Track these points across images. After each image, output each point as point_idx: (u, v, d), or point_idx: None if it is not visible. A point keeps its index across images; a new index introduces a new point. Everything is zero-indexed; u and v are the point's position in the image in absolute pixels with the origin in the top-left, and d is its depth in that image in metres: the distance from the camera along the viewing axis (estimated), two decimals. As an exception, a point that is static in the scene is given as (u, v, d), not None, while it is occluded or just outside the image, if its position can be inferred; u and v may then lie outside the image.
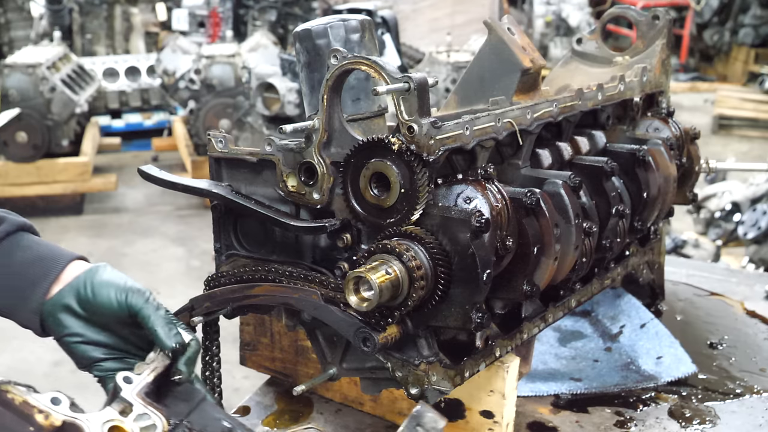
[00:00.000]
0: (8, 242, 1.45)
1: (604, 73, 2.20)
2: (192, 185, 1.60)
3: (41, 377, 4.74)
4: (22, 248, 1.45)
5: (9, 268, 1.43)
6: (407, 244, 1.41)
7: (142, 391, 1.29)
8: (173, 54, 8.23)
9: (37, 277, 1.42)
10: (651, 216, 2.04)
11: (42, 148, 7.50)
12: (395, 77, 1.39)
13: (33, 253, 1.45)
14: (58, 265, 1.43)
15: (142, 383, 1.30)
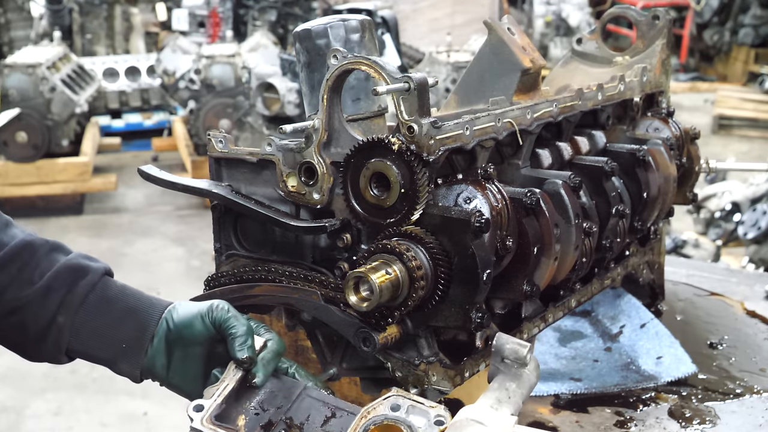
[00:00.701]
0: (95, 295, 1.47)
1: (604, 73, 2.20)
2: (192, 185, 1.60)
3: (41, 377, 4.74)
4: (111, 301, 1.47)
5: (103, 322, 1.46)
6: (407, 244, 1.41)
7: (212, 415, 1.31)
8: (173, 54, 8.24)
9: (134, 333, 1.45)
10: (651, 216, 2.04)
11: (42, 148, 7.50)
12: (395, 77, 1.39)
13: (124, 305, 1.47)
14: (152, 319, 1.46)
15: (211, 408, 1.32)
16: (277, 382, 1.41)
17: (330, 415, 1.35)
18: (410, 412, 1.27)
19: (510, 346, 1.33)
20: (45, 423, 4.38)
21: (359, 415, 1.28)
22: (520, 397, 1.31)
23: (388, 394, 1.30)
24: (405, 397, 1.29)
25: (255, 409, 1.36)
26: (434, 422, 1.25)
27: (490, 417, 1.23)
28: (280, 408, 1.37)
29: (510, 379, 1.33)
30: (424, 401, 1.28)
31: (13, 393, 4.64)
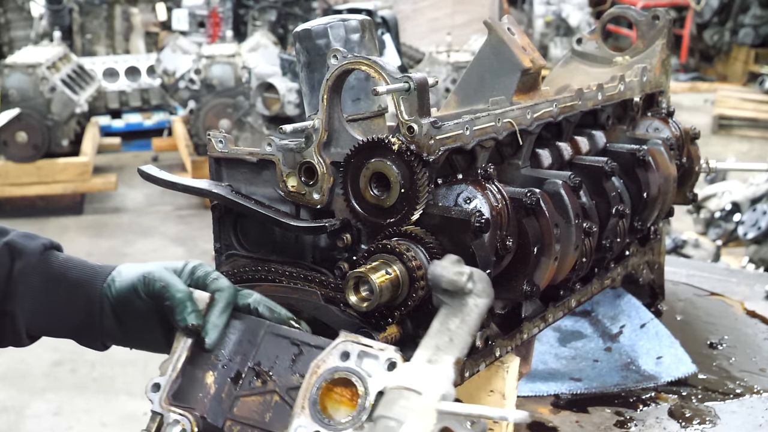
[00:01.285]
0: (37, 276, 1.44)
1: (604, 73, 2.20)
2: (192, 185, 1.60)
3: (41, 377, 4.74)
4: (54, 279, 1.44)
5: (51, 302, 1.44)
6: (407, 244, 1.41)
7: (169, 394, 1.28)
8: (173, 54, 8.24)
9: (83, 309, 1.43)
10: (651, 216, 2.04)
11: (42, 148, 7.50)
12: (395, 77, 1.39)
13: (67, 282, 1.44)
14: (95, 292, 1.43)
15: (167, 386, 1.29)
16: (239, 324, 1.36)
17: (297, 352, 1.30)
18: (360, 359, 1.21)
19: (447, 277, 1.17)
20: (45, 423, 4.38)
21: (310, 371, 1.22)
22: (465, 333, 1.18)
23: (336, 342, 1.23)
24: (354, 342, 1.22)
25: (221, 360, 1.32)
26: (386, 367, 1.19)
27: (425, 377, 1.12)
28: (246, 355, 1.32)
29: (453, 313, 1.19)
30: (373, 344, 1.22)
31: (13, 393, 4.64)
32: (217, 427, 1.28)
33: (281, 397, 1.27)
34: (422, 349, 1.16)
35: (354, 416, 1.18)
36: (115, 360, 4.71)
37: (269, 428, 1.26)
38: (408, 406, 1.09)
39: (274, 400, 1.28)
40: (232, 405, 1.29)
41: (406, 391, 1.11)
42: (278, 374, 1.29)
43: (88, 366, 4.82)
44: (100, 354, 1.97)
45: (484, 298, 1.20)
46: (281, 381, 1.29)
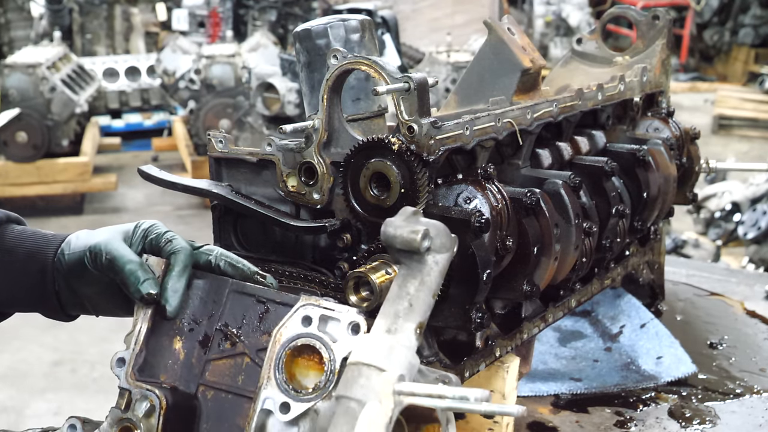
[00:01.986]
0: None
1: (604, 73, 2.20)
2: (192, 185, 1.60)
3: (41, 377, 4.75)
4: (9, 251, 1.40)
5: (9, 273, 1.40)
6: (407, 244, 1.40)
7: (134, 368, 1.24)
8: (173, 54, 8.24)
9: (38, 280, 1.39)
10: (651, 216, 2.04)
11: (42, 148, 7.50)
12: (395, 77, 1.39)
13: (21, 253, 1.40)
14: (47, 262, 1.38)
15: (132, 360, 1.25)
16: (202, 284, 1.30)
17: (264, 311, 1.25)
18: (323, 323, 1.16)
19: (401, 237, 1.07)
20: (45, 423, 4.37)
21: (273, 339, 1.16)
22: (426, 295, 1.08)
23: (297, 306, 1.18)
24: (315, 306, 1.17)
25: (188, 324, 1.27)
26: (350, 331, 1.15)
27: (385, 350, 1.03)
28: (212, 316, 1.27)
29: (411, 274, 1.09)
30: (335, 307, 1.17)
31: (13, 393, 4.64)
32: (190, 393, 1.24)
33: (251, 359, 1.23)
34: (381, 318, 1.07)
35: (321, 385, 1.14)
36: (115, 360, 4.71)
37: (242, 392, 1.21)
38: (368, 386, 1.03)
39: (245, 362, 1.23)
40: (203, 370, 1.24)
41: (365, 367, 1.03)
42: (247, 335, 1.24)
43: (88, 366, 4.82)
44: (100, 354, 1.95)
45: (444, 253, 1.10)
46: (250, 342, 1.24)
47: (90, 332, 5.03)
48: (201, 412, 1.23)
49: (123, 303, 1.36)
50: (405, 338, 1.05)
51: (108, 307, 1.40)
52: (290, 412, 1.14)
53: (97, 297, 1.38)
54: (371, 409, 1.01)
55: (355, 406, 1.02)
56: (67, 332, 5.12)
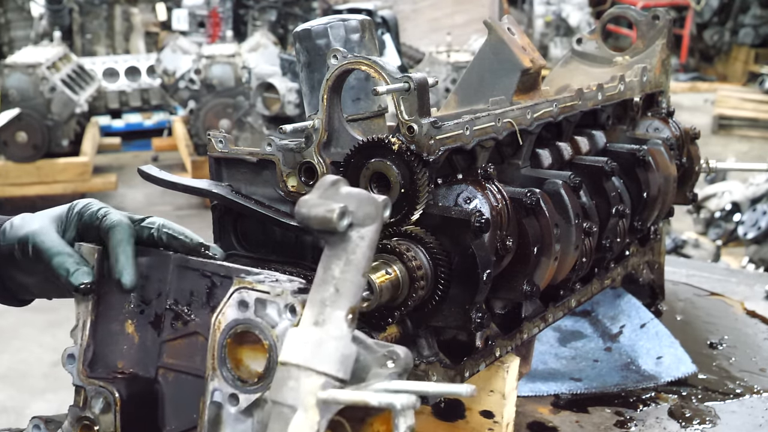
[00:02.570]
0: None
1: (604, 73, 2.20)
2: (192, 185, 1.60)
3: (40, 377, 4.74)
4: None
5: None
6: (407, 244, 1.41)
7: (85, 364, 1.20)
8: (173, 54, 8.24)
9: None
10: (651, 216, 2.04)
11: (42, 148, 7.50)
12: (395, 77, 1.39)
13: None
14: None
15: (81, 356, 1.20)
16: (146, 261, 1.23)
17: (210, 285, 1.18)
18: (260, 307, 1.07)
19: (317, 217, 0.95)
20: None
21: (212, 327, 1.08)
22: (354, 276, 0.97)
23: (230, 291, 1.08)
24: (248, 289, 1.07)
25: (138, 306, 1.22)
26: (287, 313, 1.05)
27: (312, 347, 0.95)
28: (160, 294, 1.21)
29: (336, 254, 0.97)
30: (269, 289, 1.07)
31: (13, 393, 4.64)
32: (150, 378, 1.20)
33: (205, 338, 1.14)
34: (308, 308, 0.97)
35: (265, 375, 1.06)
36: (115, 360, 4.71)
37: (201, 372, 1.14)
38: (297, 389, 0.94)
39: (200, 341, 1.17)
40: (160, 351, 1.19)
41: (294, 368, 0.95)
42: (197, 312, 1.18)
43: (88, 366, 4.81)
44: None
45: (369, 225, 0.97)
46: (202, 320, 1.17)
47: (90, 332, 5.02)
48: (163, 395, 1.19)
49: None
50: (334, 328, 0.96)
51: (57, 291, 1.33)
52: (239, 404, 1.07)
53: (41, 283, 1.31)
54: (298, 420, 0.93)
55: (288, 412, 0.94)
56: (67, 332, 5.10)
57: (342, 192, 0.97)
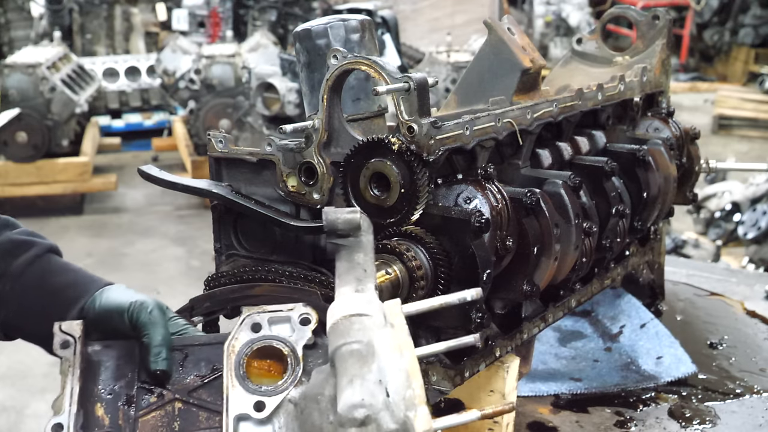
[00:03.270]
0: (39, 266, 1.44)
1: (604, 73, 2.20)
2: (192, 185, 1.60)
3: (40, 377, 4.74)
4: (53, 273, 1.44)
5: (42, 291, 1.42)
6: (407, 244, 1.41)
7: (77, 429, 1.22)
8: (173, 54, 8.23)
9: (66, 307, 1.41)
10: (651, 216, 2.04)
11: (42, 148, 7.50)
12: (395, 77, 1.39)
13: (64, 279, 1.43)
14: (87, 294, 1.42)
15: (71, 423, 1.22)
16: (110, 351, 1.29)
17: (183, 357, 1.27)
18: (273, 325, 1.20)
19: (342, 218, 1.20)
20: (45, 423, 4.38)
21: (226, 353, 1.18)
22: (371, 264, 1.20)
23: (242, 318, 1.21)
24: (260, 313, 1.21)
25: (105, 391, 1.26)
26: (300, 323, 1.20)
27: (364, 303, 1.11)
28: (130, 376, 1.26)
29: (353, 250, 1.20)
30: (279, 307, 1.21)
31: (13, 393, 4.64)
32: None
33: (184, 401, 1.24)
34: (344, 285, 1.14)
35: (289, 375, 1.16)
36: (115, 360, 4.71)
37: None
38: (364, 328, 1.07)
39: (177, 408, 1.23)
40: (133, 428, 1.23)
41: (355, 317, 1.08)
42: (172, 383, 1.25)
43: (88, 366, 4.80)
44: None
45: (371, 234, 1.22)
46: (178, 387, 1.24)
47: (90, 332, 5.01)
48: None
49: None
50: (372, 295, 1.12)
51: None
52: (266, 408, 1.14)
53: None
54: (388, 334, 1.07)
55: (359, 347, 1.05)
56: (67, 332, 5.10)
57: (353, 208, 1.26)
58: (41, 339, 1.46)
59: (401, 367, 1.04)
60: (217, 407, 1.21)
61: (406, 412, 1.00)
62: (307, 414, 1.11)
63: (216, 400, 1.22)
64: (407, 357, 1.05)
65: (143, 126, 9.83)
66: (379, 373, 1.03)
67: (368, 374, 1.02)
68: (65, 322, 1.28)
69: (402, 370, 1.04)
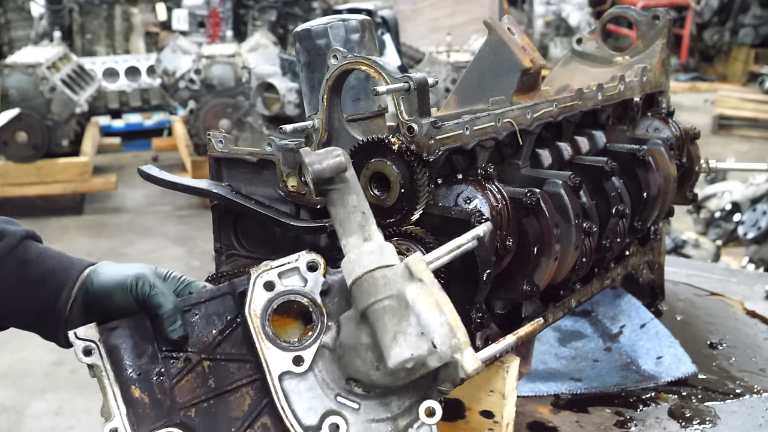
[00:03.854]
0: (14, 258, 1.42)
1: (604, 73, 2.20)
2: (192, 185, 1.60)
3: (41, 377, 4.74)
4: (30, 263, 1.42)
5: (24, 282, 1.41)
6: (408, 244, 1.41)
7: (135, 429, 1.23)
8: (173, 54, 8.23)
9: (52, 295, 1.39)
10: (651, 216, 2.04)
11: (42, 148, 7.50)
12: (395, 77, 1.39)
13: (42, 268, 1.42)
14: (69, 280, 1.40)
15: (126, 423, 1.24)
16: (122, 331, 1.29)
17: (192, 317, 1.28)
18: (285, 278, 1.23)
19: (328, 165, 1.16)
20: (45, 423, 4.38)
21: (249, 319, 1.22)
22: (365, 202, 1.20)
23: (252, 279, 1.23)
24: (268, 270, 1.23)
25: (134, 372, 1.27)
26: (308, 270, 1.23)
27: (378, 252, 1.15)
28: (151, 351, 1.28)
29: (346, 193, 1.19)
30: (286, 260, 1.24)
31: (13, 393, 4.64)
32: (176, 423, 1.25)
33: (210, 358, 1.26)
34: (349, 236, 1.17)
35: (317, 324, 1.21)
36: (115, 360, 4.71)
37: (220, 390, 1.25)
38: (391, 282, 1.12)
39: (206, 366, 1.26)
40: (172, 398, 1.26)
41: (376, 272, 1.13)
42: (191, 345, 1.27)
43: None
44: None
45: (351, 167, 1.20)
46: (199, 347, 1.27)
47: (90, 332, 5.02)
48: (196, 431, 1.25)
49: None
50: (378, 237, 1.17)
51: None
52: (305, 362, 1.20)
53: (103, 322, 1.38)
54: (420, 290, 1.12)
55: (391, 302, 1.11)
56: (67, 332, 5.11)
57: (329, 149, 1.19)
58: (33, 328, 1.44)
59: (443, 322, 1.12)
60: (244, 356, 1.25)
61: (453, 355, 1.10)
62: (348, 360, 1.18)
63: (239, 349, 1.26)
64: (447, 311, 1.12)
65: (143, 126, 9.83)
66: (420, 327, 1.11)
67: (408, 328, 1.11)
68: (80, 329, 1.28)
69: (445, 324, 1.12)
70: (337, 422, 1.20)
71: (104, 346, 1.27)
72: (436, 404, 1.19)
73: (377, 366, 1.14)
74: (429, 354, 1.11)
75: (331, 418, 1.20)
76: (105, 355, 1.27)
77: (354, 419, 1.20)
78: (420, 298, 1.12)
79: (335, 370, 1.20)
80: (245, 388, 1.25)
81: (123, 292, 1.34)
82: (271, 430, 1.23)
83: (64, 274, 1.41)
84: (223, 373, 1.25)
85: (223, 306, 1.28)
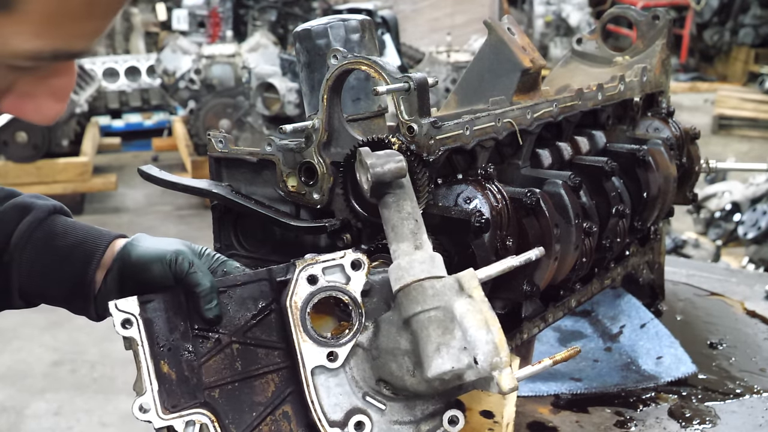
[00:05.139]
0: (42, 231, 1.42)
1: (604, 73, 2.20)
2: (192, 185, 1.60)
3: (41, 377, 4.75)
4: (58, 236, 1.41)
5: (52, 256, 1.40)
6: (407, 244, 1.40)
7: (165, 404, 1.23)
8: (173, 54, 8.23)
9: (81, 265, 1.38)
10: (651, 216, 2.04)
11: (42, 148, 7.50)
12: (395, 77, 1.39)
13: (70, 240, 1.41)
14: (98, 250, 1.40)
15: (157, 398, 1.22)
16: (157, 304, 1.28)
17: (227, 298, 1.28)
18: (329, 274, 1.24)
19: (392, 168, 1.17)
20: (45, 423, 4.38)
21: (290, 310, 1.22)
22: (418, 210, 1.22)
23: (297, 272, 1.23)
24: (313, 264, 1.24)
25: (165, 347, 1.25)
26: (352, 267, 1.24)
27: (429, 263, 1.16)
28: (184, 326, 1.27)
29: (402, 198, 1.21)
30: (332, 255, 1.24)
31: (13, 393, 4.64)
32: (200, 402, 1.25)
33: (240, 342, 1.27)
34: (400, 243, 1.18)
35: (355, 323, 1.22)
36: (115, 360, 4.71)
37: (246, 374, 1.26)
38: (440, 293, 1.14)
39: (235, 349, 1.27)
40: (199, 376, 1.25)
41: (425, 281, 1.15)
42: (224, 326, 1.27)
43: (88, 366, 4.81)
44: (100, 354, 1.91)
45: (406, 174, 1.21)
46: (231, 329, 1.27)
47: (90, 332, 5.03)
48: (218, 412, 1.25)
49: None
50: (429, 247, 1.18)
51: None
52: (339, 358, 1.22)
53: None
54: (470, 306, 1.14)
55: (438, 314, 1.13)
56: (67, 332, 5.12)
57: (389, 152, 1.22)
58: (63, 302, 1.43)
59: (489, 340, 1.13)
60: (273, 343, 1.26)
61: (491, 372, 1.12)
62: (382, 362, 1.19)
63: (270, 336, 1.27)
64: (495, 331, 1.14)
65: (143, 126, 9.83)
66: (464, 341, 1.12)
67: (452, 341, 1.13)
68: (120, 300, 1.26)
69: (491, 342, 1.13)
70: (362, 420, 1.21)
71: (142, 319, 1.26)
72: (459, 414, 1.20)
73: (413, 372, 1.16)
74: (468, 368, 1.12)
75: (357, 416, 1.22)
76: (143, 328, 1.25)
77: (378, 419, 1.22)
78: (469, 314, 1.14)
79: (367, 370, 1.22)
80: (271, 375, 1.26)
81: (161, 266, 1.32)
82: (292, 419, 1.25)
83: (93, 244, 1.41)
84: (251, 357, 1.26)
85: (259, 291, 1.28)
